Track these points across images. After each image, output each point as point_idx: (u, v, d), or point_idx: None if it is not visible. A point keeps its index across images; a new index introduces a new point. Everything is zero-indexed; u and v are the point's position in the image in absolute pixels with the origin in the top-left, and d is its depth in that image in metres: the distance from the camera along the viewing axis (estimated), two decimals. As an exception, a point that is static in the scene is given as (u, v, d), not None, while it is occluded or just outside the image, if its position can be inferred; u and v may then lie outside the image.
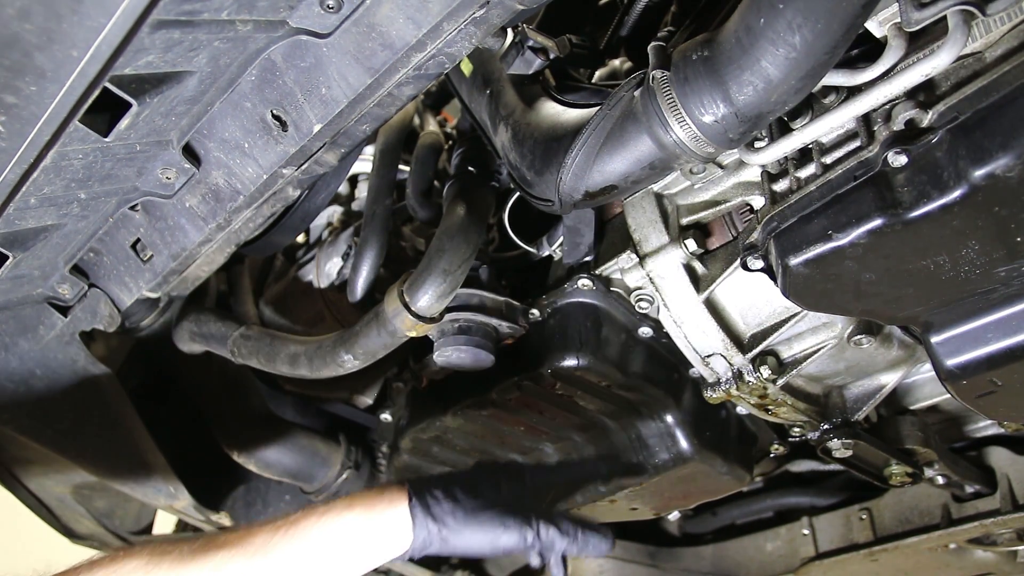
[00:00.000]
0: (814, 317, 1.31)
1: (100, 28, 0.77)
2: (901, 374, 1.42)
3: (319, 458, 1.94)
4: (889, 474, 1.59)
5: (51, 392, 1.51)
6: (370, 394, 1.96)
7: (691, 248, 1.29)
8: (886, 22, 0.97)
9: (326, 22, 0.98)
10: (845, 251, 1.00)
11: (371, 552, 1.14)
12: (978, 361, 1.07)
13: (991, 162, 0.87)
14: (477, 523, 1.12)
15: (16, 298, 1.33)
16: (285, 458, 1.87)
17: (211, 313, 1.63)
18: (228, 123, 1.12)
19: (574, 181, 1.11)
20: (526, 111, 1.23)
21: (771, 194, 1.13)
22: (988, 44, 0.93)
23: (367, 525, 1.13)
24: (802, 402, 1.41)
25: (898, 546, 1.79)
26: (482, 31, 0.96)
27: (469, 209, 1.39)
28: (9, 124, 0.87)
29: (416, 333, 1.33)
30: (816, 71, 0.89)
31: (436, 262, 1.31)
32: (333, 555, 1.11)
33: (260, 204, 1.22)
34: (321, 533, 1.10)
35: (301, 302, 1.81)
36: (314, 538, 1.10)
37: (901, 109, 0.96)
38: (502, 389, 1.47)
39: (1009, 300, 1.03)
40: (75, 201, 1.15)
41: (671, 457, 1.51)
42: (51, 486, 1.83)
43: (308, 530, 1.10)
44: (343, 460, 1.97)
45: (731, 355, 1.33)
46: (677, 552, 2.32)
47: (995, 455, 1.71)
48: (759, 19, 0.87)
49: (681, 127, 0.97)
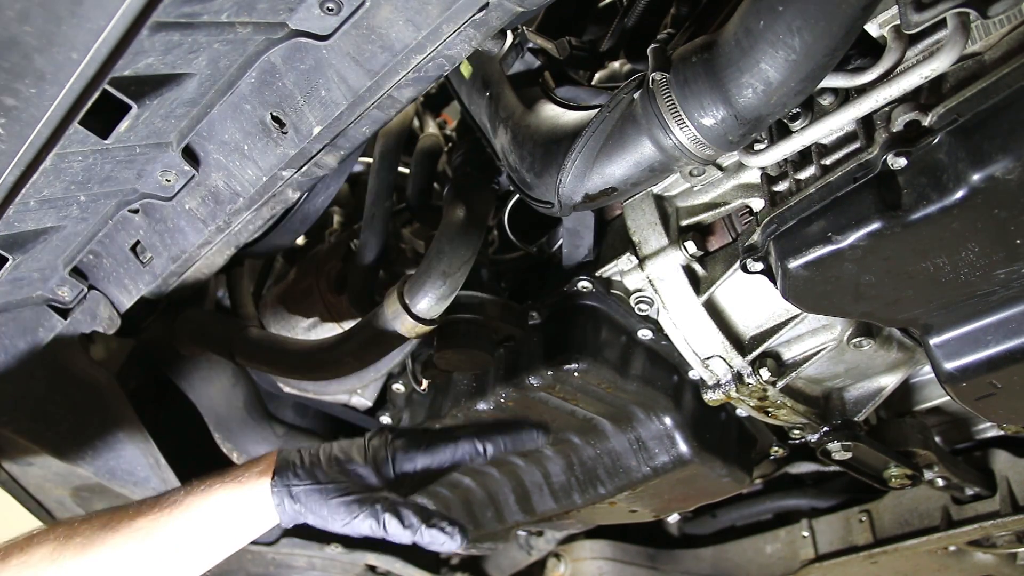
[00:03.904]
0: (814, 319, 1.30)
1: (100, 30, 0.77)
2: (900, 376, 1.42)
3: (319, 460, 1.93)
4: (889, 476, 1.59)
5: (51, 394, 1.51)
6: (370, 396, 1.96)
7: (691, 250, 1.29)
8: (885, 24, 0.97)
9: (326, 24, 0.98)
10: (845, 253, 1.00)
11: (245, 525, 1.19)
12: (977, 363, 1.07)
13: (991, 164, 0.87)
14: (329, 508, 1.16)
15: (16, 300, 1.33)
16: (284, 460, 1.87)
17: (211, 315, 1.63)
18: (228, 125, 1.12)
19: (574, 183, 1.11)
20: (526, 113, 1.23)
21: (771, 196, 1.13)
22: (988, 46, 0.93)
23: (236, 501, 1.17)
24: (802, 404, 1.41)
25: (898, 548, 1.79)
26: (482, 33, 0.96)
27: (469, 211, 1.39)
28: (8, 126, 0.87)
29: (416, 335, 1.33)
30: (816, 73, 0.89)
31: (436, 264, 1.31)
32: (209, 530, 1.16)
33: (260, 206, 1.22)
34: (197, 510, 1.16)
35: (301, 304, 1.81)
36: (191, 515, 1.15)
37: (901, 111, 0.96)
38: (501, 391, 1.47)
39: (1008, 302, 1.03)
40: (75, 203, 1.15)
41: (671, 459, 1.51)
42: (51, 488, 1.83)
43: (186, 508, 1.16)
44: (343, 462, 1.97)
45: (731, 357, 1.33)
46: (677, 554, 2.32)
47: (995, 457, 1.72)
48: (759, 21, 0.87)
49: (681, 129, 0.97)
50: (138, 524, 1.13)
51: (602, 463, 1.59)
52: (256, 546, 2.14)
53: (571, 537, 2.29)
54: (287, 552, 2.14)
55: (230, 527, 1.18)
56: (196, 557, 1.17)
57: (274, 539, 2.13)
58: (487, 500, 1.79)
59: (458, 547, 1.21)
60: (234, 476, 1.20)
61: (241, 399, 1.82)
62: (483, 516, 1.81)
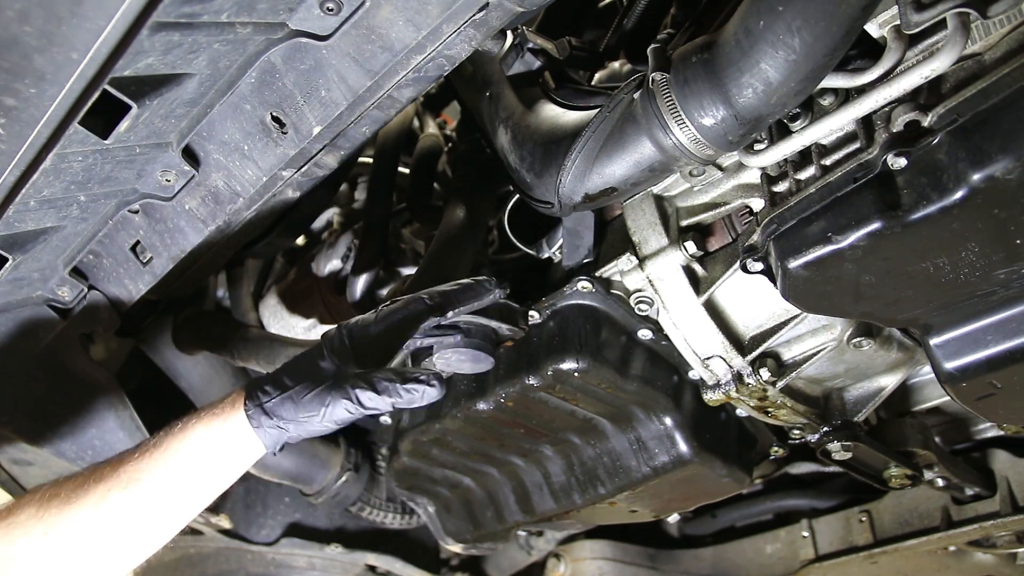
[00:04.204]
0: (814, 319, 1.30)
1: (100, 30, 0.77)
2: (900, 376, 1.42)
3: (318, 460, 1.94)
4: (889, 476, 1.59)
5: (51, 394, 1.51)
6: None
7: (691, 250, 1.29)
8: (885, 24, 0.97)
9: (326, 24, 0.98)
10: (844, 253, 1.00)
11: (229, 458, 1.17)
12: (977, 364, 1.07)
13: (991, 164, 0.87)
14: (302, 408, 1.14)
15: (16, 300, 1.33)
16: (284, 460, 1.87)
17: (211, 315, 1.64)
18: (228, 125, 1.12)
19: (574, 183, 1.11)
20: (526, 113, 1.23)
21: (771, 196, 1.13)
22: (988, 46, 0.93)
23: (216, 434, 1.15)
24: (802, 404, 1.41)
25: (897, 548, 1.79)
26: (482, 33, 0.96)
27: (468, 211, 1.39)
28: (9, 126, 0.87)
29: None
30: (815, 73, 0.89)
31: (436, 264, 1.31)
32: (196, 469, 1.14)
33: (260, 206, 1.22)
34: (177, 451, 1.14)
35: (301, 304, 1.81)
36: (172, 457, 1.13)
37: (901, 111, 0.96)
38: (501, 391, 1.47)
39: (1008, 303, 1.03)
40: (74, 203, 1.15)
41: (670, 459, 1.50)
42: (50, 488, 1.83)
43: (165, 450, 1.13)
44: (342, 462, 1.97)
45: (731, 357, 1.33)
46: (677, 554, 2.32)
47: (995, 457, 1.72)
48: (759, 22, 0.87)
49: (681, 129, 0.97)
50: (120, 472, 1.11)
51: (602, 463, 1.59)
52: (256, 546, 2.14)
53: (571, 537, 2.29)
54: (287, 552, 2.14)
55: (214, 463, 1.16)
56: (184, 499, 1.15)
57: (274, 539, 2.13)
58: (487, 500, 1.79)
59: (439, 393, 1.17)
60: (209, 410, 1.17)
61: (241, 399, 1.82)
62: (483, 516, 1.81)
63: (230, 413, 1.15)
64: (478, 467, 1.73)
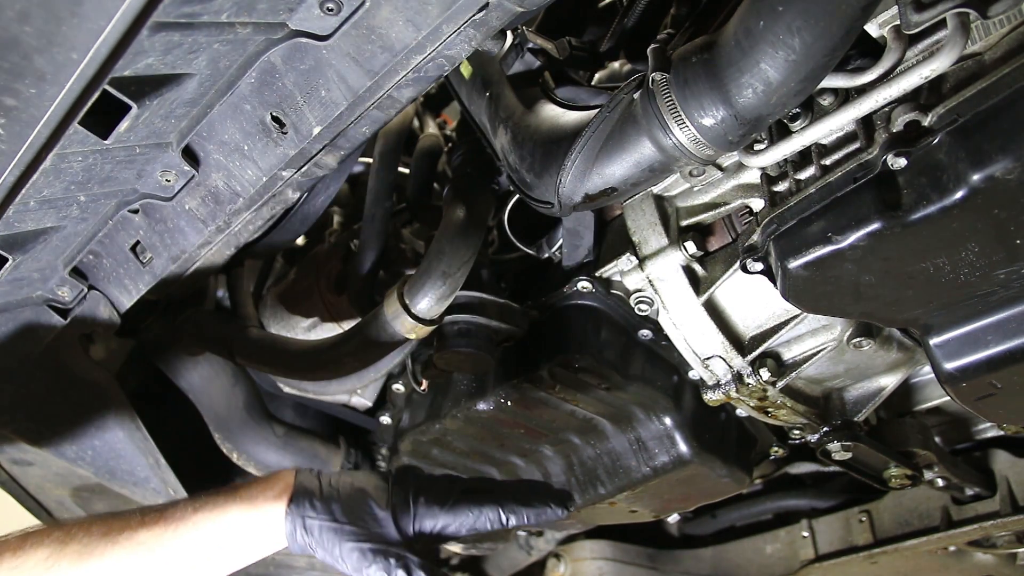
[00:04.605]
0: (813, 319, 1.30)
1: (100, 30, 0.77)
2: (900, 376, 1.42)
3: (318, 460, 1.93)
4: (888, 476, 1.59)
5: (51, 394, 1.51)
6: (370, 396, 1.96)
7: (690, 250, 1.29)
8: (885, 24, 0.97)
9: (325, 24, 0.98)
10: (844, 254, 1.00)
11: (253, 546, 1.16)
12: (977, 364, 1.07)
13: (991, 164, 0.87)
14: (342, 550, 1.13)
15: (15, 300, 1.32)
16: (285, 460, 1.87)
17: (211, 315, 1.64)
18: (228, 125, 1.12)
19: (574, 183, 1.11)
20: (526, 113, 1.23)
21: (771, 196, 1.13)
22: (988, 46, 0.93)
23: (248, 523, 1.14)
24: (802, 404, 1.41)
25: (897, 548, 1.79)
26: (481, 33, 0.96)
27: (469, 211, 1.39)
28: (8, 126, 0.87)
29: (416, 335, 1.33)
30: (815, 73, 0.89)
31: (436, 265, 1.31)
32: (216, 550, 1.14)
33: (260, 206, 1.22)
34: (205, 529, 1.13)
35: (301, 304, 1.81)
36: (199, 534, 1.12)
37: (901, 111, 0.96)
38: (501, 391, 1.47)
39: (1008, 303, 1.03)
40: (74, 203, 1.15)
41: (670, 460, 1.51)
42: (50, 488, 1.83)
43: (194, 526, 1.13)
44: (342, 462, 1.97)
45: (731, 357, 1.33)
46: (677, 555, 2.32)
47: (995, 457, 1.72)
48: (758, 22, 0.87)
49: (681, 130, 0.97)
50: (141, 537, 1.10)
51: (602, 463, 1.59)
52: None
53: (571, 537, 2.29)
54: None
55: (238, 548, 1.15)
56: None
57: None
58: (487, 500, 1.79)
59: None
60: (248, 496, 1.16)
61: (241, 399, 1.82)
62: (483, 516, 1.81)
63: (269, 508, 1.14)
64: (478, 467, 1.73)
